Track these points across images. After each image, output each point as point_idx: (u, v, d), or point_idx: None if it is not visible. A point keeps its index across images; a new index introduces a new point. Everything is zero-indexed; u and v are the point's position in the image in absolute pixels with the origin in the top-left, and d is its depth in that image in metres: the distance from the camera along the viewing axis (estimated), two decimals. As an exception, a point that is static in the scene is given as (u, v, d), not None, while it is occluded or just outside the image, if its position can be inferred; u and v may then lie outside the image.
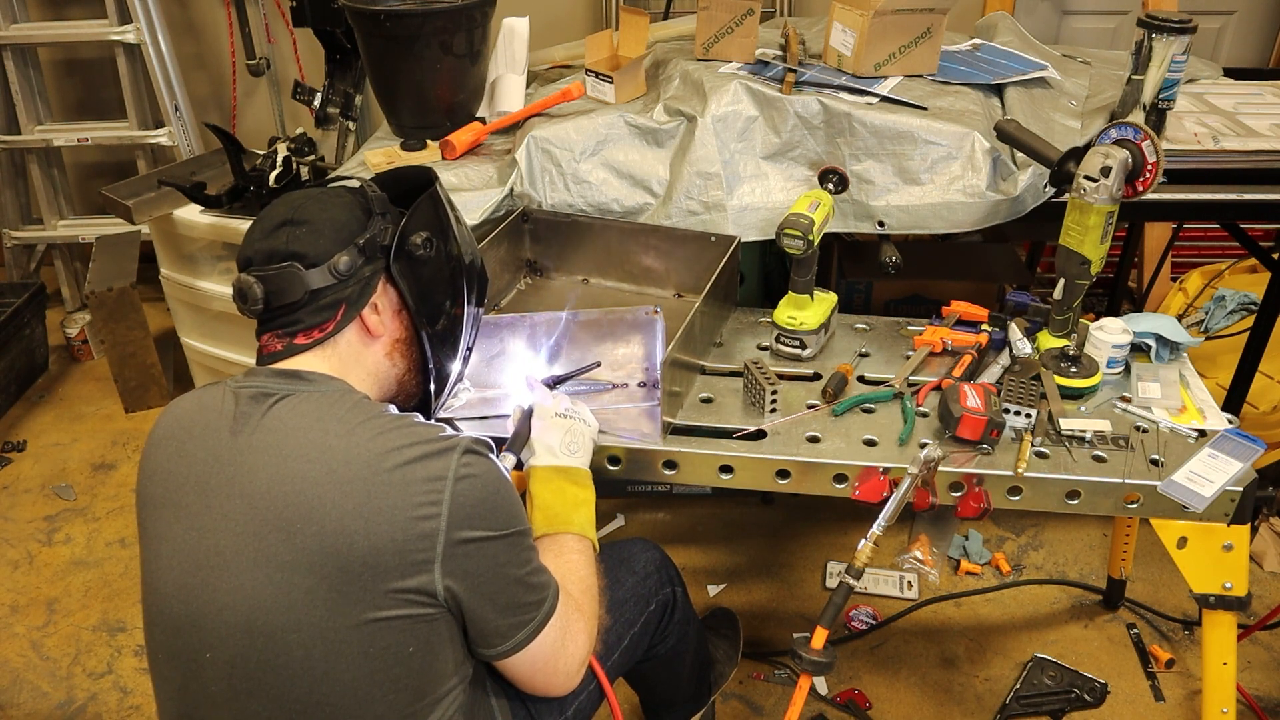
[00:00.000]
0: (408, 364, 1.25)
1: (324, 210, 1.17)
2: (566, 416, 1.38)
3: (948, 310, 1.80)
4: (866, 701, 1.98)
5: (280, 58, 3.35)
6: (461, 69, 2.07)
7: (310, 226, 1.15)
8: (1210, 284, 2.78)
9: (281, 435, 1.07)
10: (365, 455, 1.04)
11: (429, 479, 1.04)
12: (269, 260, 1.14)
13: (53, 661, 2.13)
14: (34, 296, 3.09)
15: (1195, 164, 1.85)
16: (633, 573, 1.49)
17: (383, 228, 1.19)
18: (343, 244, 1.15)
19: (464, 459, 1.06)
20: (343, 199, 1.20)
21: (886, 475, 1.46)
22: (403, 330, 1.23)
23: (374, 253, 1.18)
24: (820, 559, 2.34)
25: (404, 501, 1.03)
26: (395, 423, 1.09)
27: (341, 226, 1.16)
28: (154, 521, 1.12)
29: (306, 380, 1.13)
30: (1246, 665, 2.06)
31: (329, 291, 1.15)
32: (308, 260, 1.13)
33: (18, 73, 3.16)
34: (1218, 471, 1.43)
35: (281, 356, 1.16)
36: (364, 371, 1.20)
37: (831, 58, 2.02)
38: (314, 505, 1.02)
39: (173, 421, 1.16)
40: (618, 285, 1.94)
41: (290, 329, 1.16)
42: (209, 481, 1.08)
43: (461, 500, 1.05)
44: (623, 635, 1.44)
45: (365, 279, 1.18)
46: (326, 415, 1.08)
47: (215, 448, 1.09)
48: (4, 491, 2.66)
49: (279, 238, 1.14)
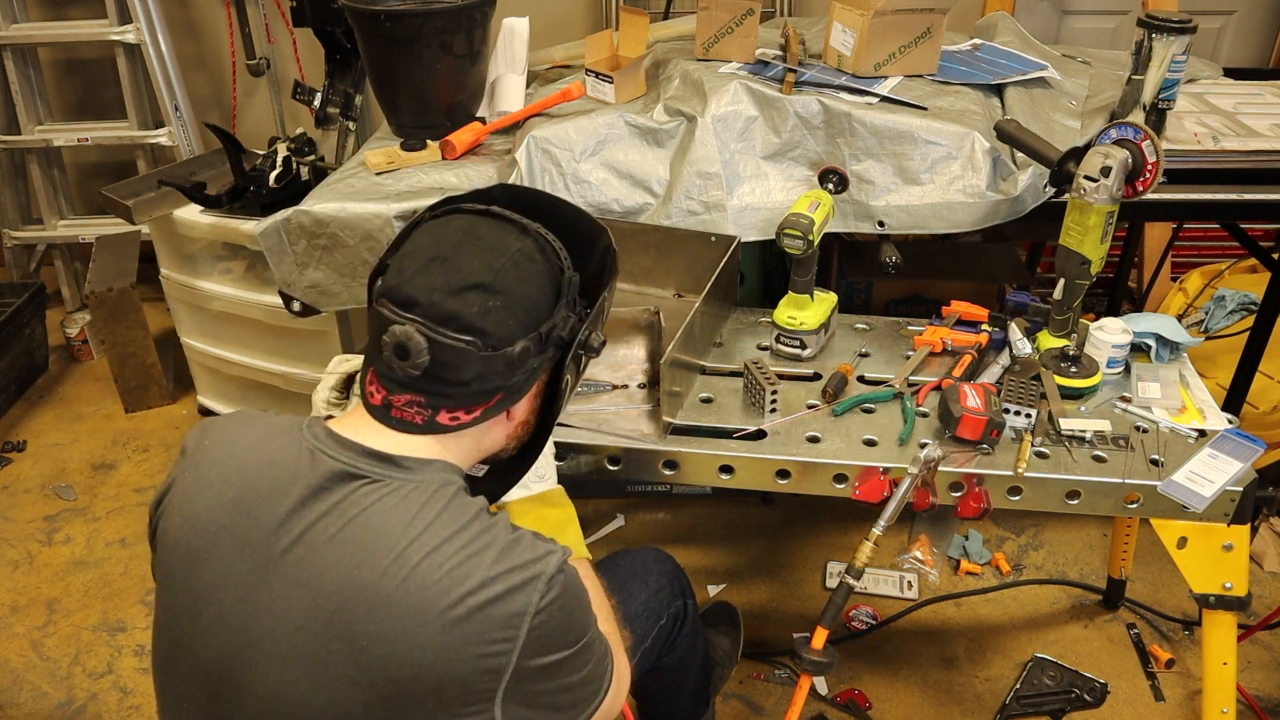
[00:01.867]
0: (519, 442, 1.16)
1: (522, 283, 1.02)
2: None
3: (948, 310, 1.80)
4: (866, 701, 1.98)
5: (280, 58, 3.35)
6: (461, 69, 2.07)
7: (505, 301, 1.00)
8: (1210, 284, 2.77)
9: (360, 530, 0.96)
10: (445, 584, 0.93)
11: (507, 617, 0.94)
12: (447, 323, 0.98)
13: (53, 661, 2.13)
14: (34, 296, 3.09)
15: (1195, 164, 1.85)
16: (646, 586, 1.48)
17: (565, 315, 1.07)
18: (527, 330, 1.02)
19: (547, 588, 0.96)
20: (537, 269, 1.04)
21: (886, 475, 1.46)
22: (530, 415, 1.13)
23: (552, 344, 1.06)
24: (820, 559, 2.34)
25: (478, 640, 0.93)
26: (483, 541, 0.97)
27: (532, 308, 1.03)
28: (191, 574, 1.00)
29: (401, 467, 1.00)
30: (1246, 665, 2.05)
31: (495, 376, 1.02)
32: (491, 340, 0.99)
33: (18, 73, 3.16)
34: (1218, 471, 1.43)
35: (418, 431, 1.02)
36: (477, 448, 1.09)
37: (831, 58, 2.02)
38: (383, 628, 0.92)
39: (232, 462, 1.03)
40: (618, 285, 1.94)
41: (436, 402, 1.01)
42: (269, 555, 0.97)
43: (536, 634, 0.96)
44: (634, 650, 1.41)
45: (532, 370, 1.06)
46: (414, 521, 0.96)
47: (283, 518, 0.97)
48: (4, 491, 2.66)
49: (468, 303, 0.98)
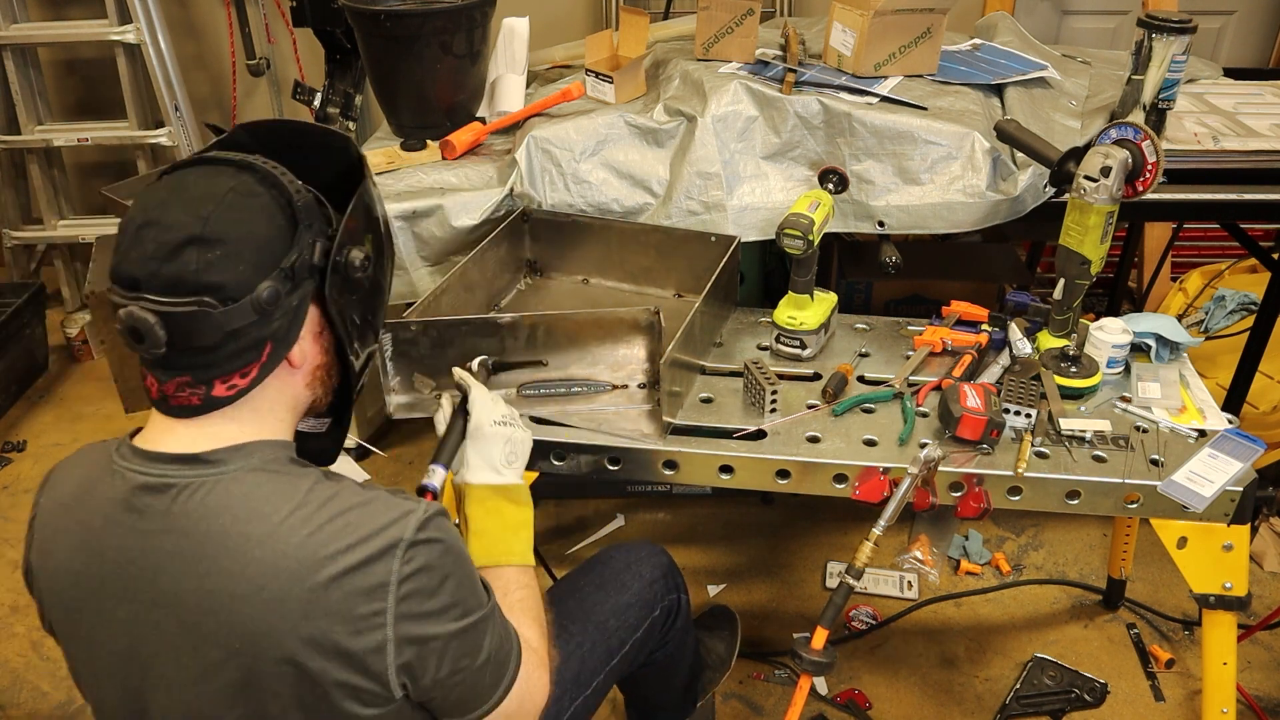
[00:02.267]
0: (325, 389, 1.07)
1: (241, 223, 0.92)
2: (506, 424, 1.23)
3: (948, 310, 1.80)
4: (866, 701, 1.98)
5: (280, 58, 3.35)
6: (461, 69, 2.07)
7: (226, 248, 0.90)
8: (1210, 284, 2.78)
9: (197, 540, 0.92)
10: (295, 567, 0.90)
11: (370, 589, 0.91)
12: (171, 290, 0.89)
13: (53, 661, 2.13)
14: (34, 296, 3.09)
15: (1195, 164, 1.85)
16: (639, 577, 1.48)
17: (311, 241, 0.97)
18: (266, 270, 0.93)
19: (408, 554, 0.93)
20: (260, 202, 0.94)
21: (886, 475, 1.46)
22: (323, 355, 1.04)
23: (303, 275, 0.96)
24: (820, 559, 2.34)
25: (345, 618, 0.91)
26: (325, 513, 0.93)
27: (264, 246, 0.93)
28: (76, 625, 1.00)
29: (212, 464, 0.95)
30: (1246, 665, 2.05)
31: (251, 329, 0.93)
32: (224, 293, 0.90)
33: (18, 73, 3.16)
34: (1218, 471, 1.43)
35: (198, 412, 0.95)
36: (282, 410, 1.02)
37: (831, 58, 2.02)
38: (250, 628, 0.91)
39: (61, 512, 1.00)
40: (618, 285, 1.94)
41: (204, 375, 0.94)
42: (127, 587, 0.95)
43: (407, 602, 0.93)
44: (625, 640, 1.43)
45: (293, 309, 0.97)
46: (242, 513, 0.92)
47: (123, 548, 0.95)
48: (4, 491, 2.66)
49: (184, 261, 0.89)
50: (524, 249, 1.96)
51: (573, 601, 1.43)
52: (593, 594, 1.44)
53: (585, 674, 1.37)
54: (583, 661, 1.37)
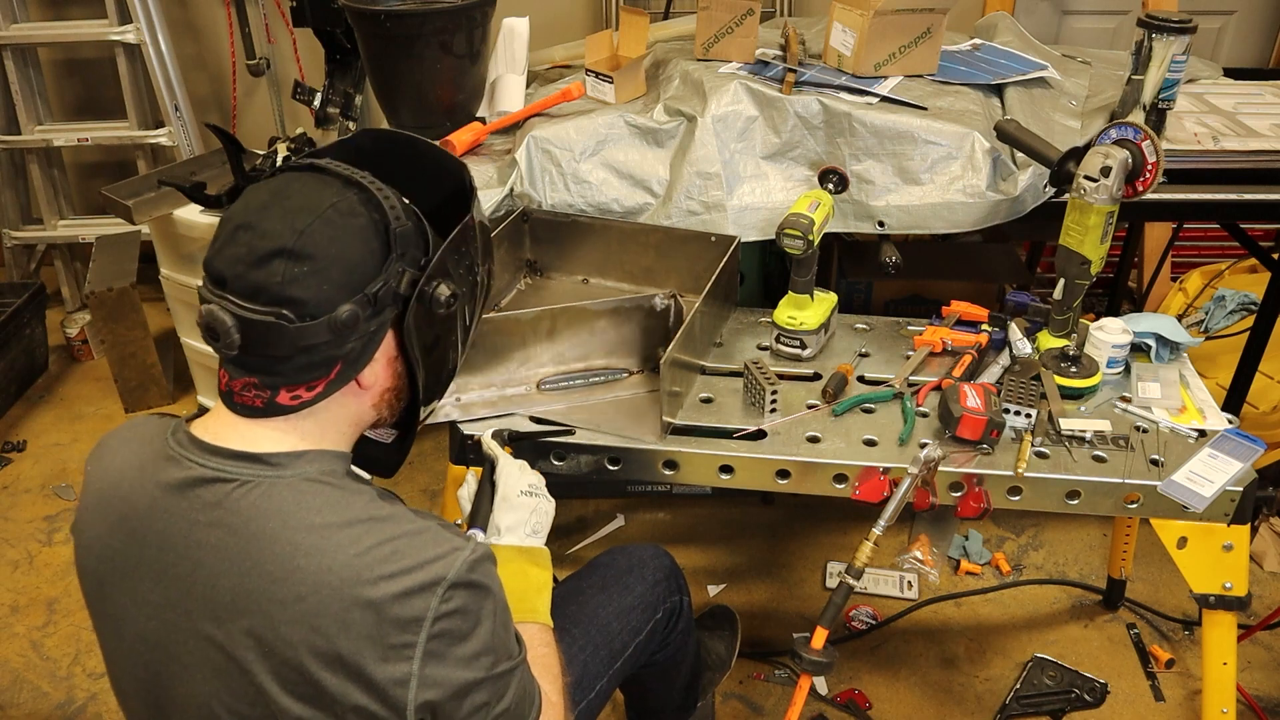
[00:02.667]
0: (391, 411, 1.07)
1: (334, 242, 0.92)
2: (533, 494, 1.26)
3: (948, 310, 1.80)
4: (866, 701, 1.98)
5: (280, 58, 3.35)
6: (461, 69, 2.07)
7: (314, 265, 0.91)
8: (1210, 284, 2.77)
9: (244, 540, 0.93)
10: (337, 585, 0.90)
11: (405, 621, 0.91)
12: (253, 296, 0.90)
13: (53, 661, 2.13)
14: (34, 296, 3.08)
15: (1195, 164, 1.85)
16: (643, 580, 1.48)
17: (400, 270, 0.96)
18: (350, 293, 0.93)
19: (448, 594, 0.92)
20: (358, 225, 0.94)
21: (886, 475, 1.46)
22: (394, 380, 1.04)
23: (386, 303, 0.96)
24: (820, 559, 2.34)
25: (377, 643, 0.91)
26: (374, 536, 0.93)
27: (353, 269, 0.93)
28: (108, 601, 1.01)
29: (270, 465, 0.96)
30: (1246, 665, 2.05)
31: (323, 348, 0.94)
32: (303, 310, 0.91)
33: (18, 73, 3.16)
34: (1218, 471, 1.43)
35: (260, 414, 0.97)
36: (345, 425, 1.03)
37: (831, 58, 2.02)
38: (282, 634, 0.91)
39: (110, 484, 1.01)
40: (618, 285, 1.94)
41: (271, 381, 0.95)
42: (165, 572, 0.96)
43: (437, 642, 0.92)
44: (628, 643, 1.43)
45: (369, 334, 0.97)
46: (293, 520, 0.93)
47: (167, 534, 0.96)
48: (4, 491, 2.66)
49: (271, 271, 0.90)
50: (524, 249, 1.96)
51: (575, 604, 1.43)
52: (595, 596, 1.44)
53: (588, 677, 1.37)
54: (585, 664, 1.37)
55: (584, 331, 1.58)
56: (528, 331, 1.55)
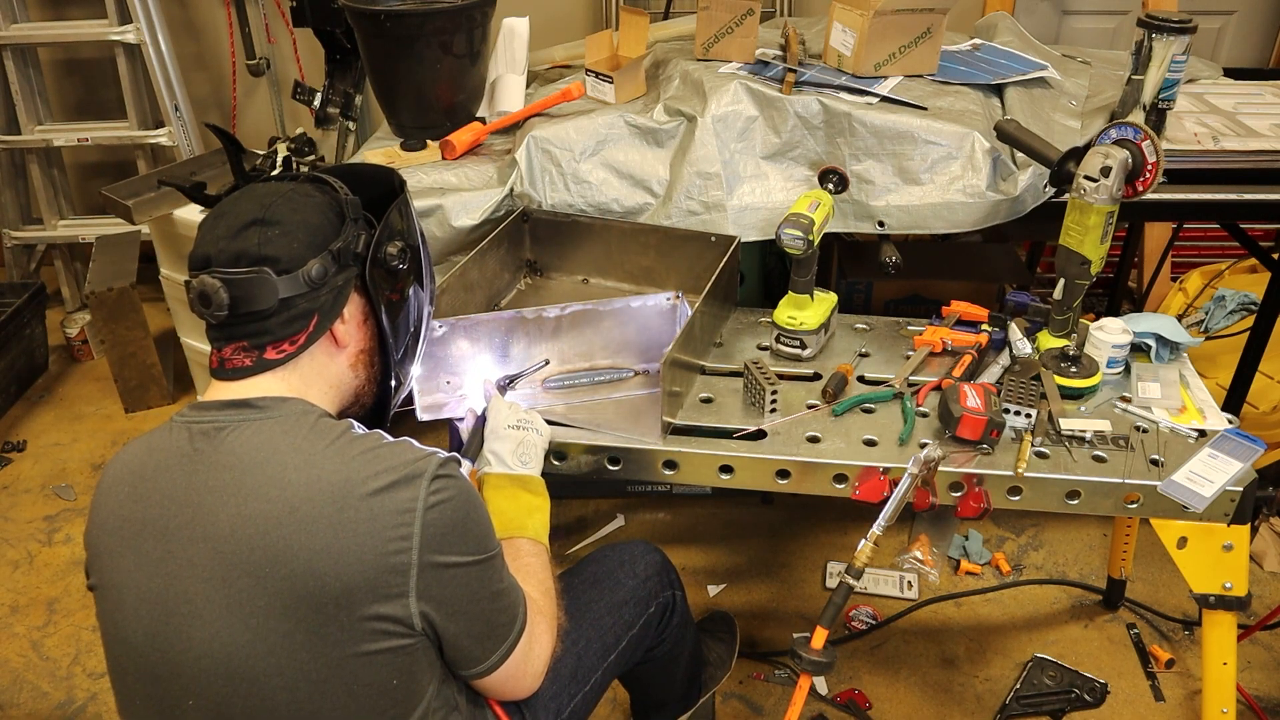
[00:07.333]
0: (369, 374, 1.21)
1: (296, 211, 1.10)
2: (519, 428, 1.39)
3: (948, 310, 1.80)
4: (866, 701, 1.98)
5: (280, 58, 3.35)
6: (461, 69, 2.08)
7: (282, 228, 1.08)
8: (1210, 284, 2.77)
9: (239, 473, 1.02)
10: (328, 489, 1.00)
11: (397, 511, 1.01)
12: (235, 262, 1.06)
13: (53, 661, 2.13)
14: (34, 296, 3.09)
15: (1195, 164, 1.85)
16: (633, 575, 1.49)
17: (356, 234, 1.14)
18: (316, 250, 1.09)
19: (433, 485, 1.03)
20: (315, 200, 1.13)
21: (886, 475, 1.46)
22: (368, 340, 1.20)
23: (347, 261, 1.13)
24: (820, 559, 2.34)
25: (373, 537, 0.99)
26: (358, 448, 1.04)
27: (315, 230, 1.10)
28: (112, 570, 1.07)
29: (258, 408, 1.07)
30: (1246, 665, 2.05)
31: (301, 300, 1.09)
32: (280, 265, 1.07)
33: (18, 73, 3.16)
34: (1218, 471, 1.43)
35: (250, 373, 1.09)
36: (326, 384, 1.15)
37: (831, 58, 2.02)
38: (280, 548, 0.98)
39: (122, 468, 1.10)
40: (618, 285, 1.94)
41: (258, 340, 1.09)
42: (168, 525, 1.03)
43: (432, 529, 1.02)
44: (621, 637, 1.44)
45: (338, 288, 1.13)
46: (283, 445, 1.03)
47: (170, 489, 1.04)
48: (4, 491, 2.66)
49: (248, 238, 1.07)
50: (524, 249, 1.96)
51: (567, 599, 1.43)
52: (586, 591, 1.46)
53: (582, 670, 1.38)
54: (579, 658, 1.38)
55: (588, 330, 1.59)
56: (531, 329, 1.55)
